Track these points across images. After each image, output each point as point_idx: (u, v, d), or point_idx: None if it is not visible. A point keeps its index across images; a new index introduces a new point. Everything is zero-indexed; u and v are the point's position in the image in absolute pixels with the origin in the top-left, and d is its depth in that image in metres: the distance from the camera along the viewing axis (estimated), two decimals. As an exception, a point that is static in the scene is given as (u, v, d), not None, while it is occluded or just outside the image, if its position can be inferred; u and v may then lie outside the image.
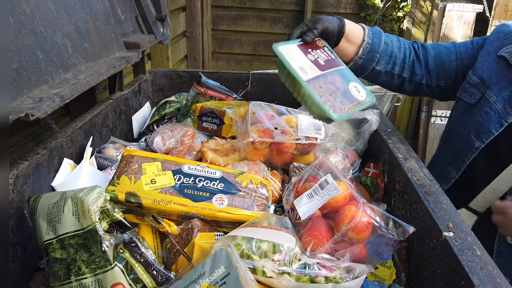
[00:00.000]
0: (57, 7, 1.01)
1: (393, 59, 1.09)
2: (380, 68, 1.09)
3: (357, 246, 0.78)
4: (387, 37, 1.11)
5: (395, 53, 1.09)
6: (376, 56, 1.07)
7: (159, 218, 0.82)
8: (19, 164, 0.82)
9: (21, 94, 0.81)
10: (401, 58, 1.09)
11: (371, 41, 1.06)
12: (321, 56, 0.97)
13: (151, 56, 2.50)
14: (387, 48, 1.08)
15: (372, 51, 1.06)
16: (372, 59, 1.07)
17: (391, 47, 1.09)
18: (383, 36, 1.09)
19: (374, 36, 1.07)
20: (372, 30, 1.08)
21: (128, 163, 0.88)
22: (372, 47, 1.06)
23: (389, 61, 1.09)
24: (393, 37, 1.12)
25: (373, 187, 1.13)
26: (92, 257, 0.69)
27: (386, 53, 1.08)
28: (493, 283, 0.61)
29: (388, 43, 1.09)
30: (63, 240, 0.70)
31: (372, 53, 1.06)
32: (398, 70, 1.10)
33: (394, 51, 1.09)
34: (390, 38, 1.11)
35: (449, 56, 1.11)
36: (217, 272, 0.65)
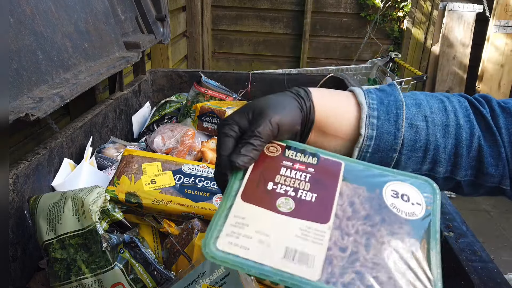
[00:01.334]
0: (57, 7, 1.01)
1: (432, 154, 0.52)
2: (409, 168, 0.54)
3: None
4: (418, 106, 0.52)
5: (437, 142, 0.52)
6: (393, 156, 0.52)
7: (159, 218, 0.82)
8: (19, 164, 0.82)
9: (21, 94, 0.81)
10: (450, 149, 0.52)
11: (376, 132, 0.51)
12: (299, 181, 0.45)
13: (151, 56, 2.50)
14: (418, 135, 0.51)
15: (380, 150, 0.52)
16: (384, 162, 0.53)
17: (427, 130, 0.51)
18: (403, 113, 0.51)
19: (384, 118, 0.51)
20: (379, 103, 0.52)
21: (128, 163, 0.88)
22: (381, 143, 0.51)
23: (424, 160, 0.53)
24: (433, 101, 0.53)
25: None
26: (92, 257, 0.69)
27: (416, 146, 0.52)
28: (493, 283, 0.61)
29: (419, 123, 0.51)
30: (63, 240, 0.70)
31: (382, 153, 0.52)
32: (443, 171, 0.53)
33: (434, 138, 0.52)
34: (424, 109, 0.52)
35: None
36: (217, 272, 0.65)
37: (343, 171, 0.46)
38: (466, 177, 0.53)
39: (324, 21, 3.57)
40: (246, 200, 0.43)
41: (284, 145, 0.49)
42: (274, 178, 0.45)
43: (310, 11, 3.48)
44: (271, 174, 0.45)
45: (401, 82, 2.50)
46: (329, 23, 3.57)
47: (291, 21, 3.61)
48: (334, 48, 3.63)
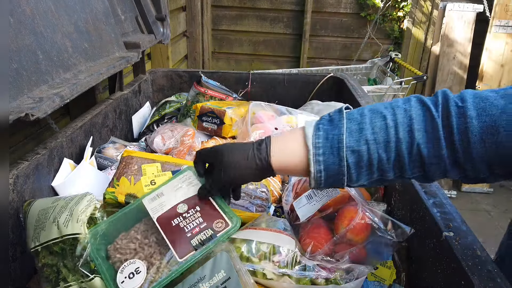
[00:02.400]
0: (57, 7, 1.01)
1: (377, 166, 0.62)
2: (362, 183, 0.65)
3: (356, 247, 0.78)
4: (360, 132, 0.62)
5: (379, 157, 0.61)
6: (342, 178, 0.63)
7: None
8: (19, 164, 0.82)
9: (21, 94, 0.81)
10: (393, 159, 0.62)
11: (323, 166, 0.63)
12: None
13: (151, 56, 2.50)
14: (360, 158, 0.62)
15: (330, 176, 0.64)
16: (339, 182, 0.64)
17: (368, 151, 0.61)
18: (343, 146, 0.62)
19: (328, 153, 0.63)
20: (324, 140, 0.63)
21: (128, 164, 0.88)
22: (329, 172, 0.63)
23: (371, 171, 0.63)
24: (377, 120, 0.63)
25: (373, 187, 1.13)
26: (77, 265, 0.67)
27: (361, 165, 0.62)
28: (493, 283, 0.61)
29: (360, 148, 0.61)
30: (50, 246, 0.69)
31: (334, 178, 0.64)
32: (392, 175, 0.63)
33: (376, 156, 0.61)
34: (365, 134, 0.62)
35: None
36: (217, 276, 0.64)
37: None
38: (415, 175, 0.63)
39: (324, 21, 3.56)
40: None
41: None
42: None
43: (310, 11, 3.48)
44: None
45: (401, 82, 2.50)
46: (329, 23, 3.57)
47: (291, 21, 3.60)
48: (334, 48, 3.63)
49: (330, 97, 1.59)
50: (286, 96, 1.68)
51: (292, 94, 1.67)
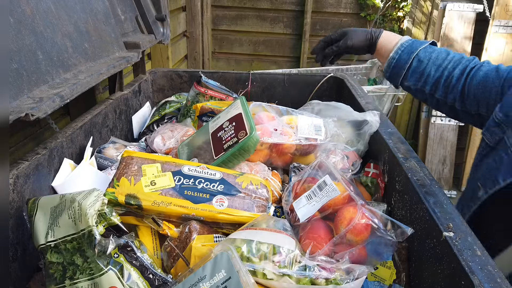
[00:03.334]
0: (57, 7, 1.01)
1: (425, 77, 1.02)
2: (409, 84, 1.07)
3: (356, 248, 0.78)
4: (428, 53, 1.03)
5: (428, 72, 1.02)
6: (401, 72, 1.06)
7: (158, 221, 0.82)
8: (19, 164, 0.82)
9: (21, 94, 0.81)
10: (436, 77, 1.01)
11: (398, 56, 1.07)
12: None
13: (151, 56, 2.50)
14: (419, 66, 1.03)
15: (397, 67, 1.07)
16: (398, 74, 1.08)
17: (426, 65, 1.02)
18: (417, 53, 1.04)
19: (403, 51, 1.06)
20: (407, 45, 1.06)
21: (128, 165, 0.88)
22: (398, 63, 1.06)
23: (419, 80, 1.04)
24: (439, 54, 1.03)
25: (373, 187, 1.13)
26: (87, 261, 0.68)
27: (417, 71, 1.04)
28: (493, 283, 0.61)
29: (424, 60, 1.03)
30: (59, 244, 0.70)
31: (398, 69, 1.07)
32: (429, 89, 1.03)
33: (428, 70, 1.02)
34: (432, 55, 1.03)
35: (494, 81, 0.92)
36: (217, 276, 0.64)
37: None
38: (439, 96, 1.04)
39: (324, 21, 3.56)
40: None
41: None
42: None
43: (310, 11, 3.48)
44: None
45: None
46: (329, 23, 3.57)
47: (291, 21, 3.61)
48: (334, 48, 3.63)
49: (330, 97, 1.59)
50: (286, 96, 1.68)
51: (292, 94, 1.67)
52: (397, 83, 1.10)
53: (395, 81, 1.11)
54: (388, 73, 1.10)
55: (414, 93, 1.09)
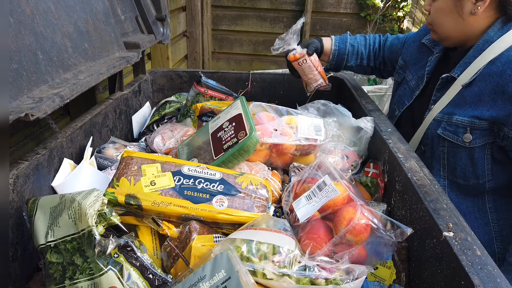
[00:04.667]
0: (57, 7, 1.01)
1: (360, 55, 1.48)
2: (352, 64, 1.49)
3: (355, 248, 0.78)
4: (354, 39, 1.50)
5: (361, 51, 1.48)
6: (344, 57, 1.47)
7: (158, 221, 0.82)
8: (19, 164, 0.82)
9: (21, 94, 0.81)
10: (367, 53, 1.48)
11: (337, 47, 1.46)
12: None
13: (151, 56, 2.50)
14: (354, 49, 1.47)
15: (339, 54, 1.46)
16: (342, 59, 1.47)
17: (357, 47, 1.48)
18: (348, 41, 1.47)
19: (340, 43, 1.46)
20: (339, 39, 1.47)
21: (128, 165, 0.88)
22: (339, 52, 1.46)
23: (357, 58, 1.48)
24: (360, 38, 1.51)
25: (373, 187, 1.13)
26: (87, 261, 0.68)
27: (354, 53, 1.47)
28: (493, 283, 0.61)
29: (354, 44, 1.48)
30: (59, 244, 0.70)
31: (341, 56, 1.46)
32: (366, 62, 1.49)
33: (360, 50, 1.48)
34: (356, 40, 1.50)
35: (397, 45, 1.46)
36: (217, 276, 0.65)
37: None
38: (373, 63, 1.52)
39: (324, 21, 3.56)
40: None
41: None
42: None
43: (310, 11, 3.48)
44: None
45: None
46: (329, 23, 3.57)
47: (291, 21, 3.61)
48: (334, 48, 3.63)
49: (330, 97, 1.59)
50: (286, 96, 1.68)
51: (292, 94, 1.67)
52: (341, 67, 1.49)
53: (339, 66, 1.49)
54: (334, 61, 1.46)
55: (356, 69, 1.53)
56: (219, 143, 1.04)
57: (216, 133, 1.08)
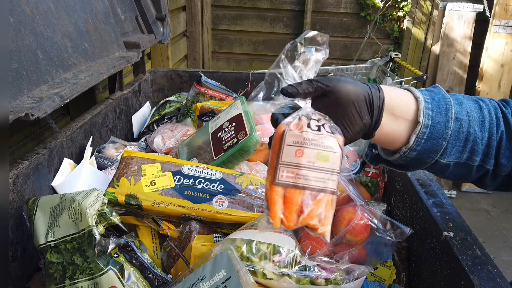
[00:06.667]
0: (57, 7, 1.01)
1: (471, 144, 0.63)
2: (449, 160, 0.64)
3: (355, 248, 0.78)
4: (460, 105, 0.64)
5: (475, 135, 0.63)
6: (442, 144, 0.63)
7: (158, 221, 0.82)
8: (19, 164, 0.82)
9: (21, 94, 0.81)
10: (485, 141, 0.64)
11: (431, 122, 0.62)
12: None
13: (151, 56, 2.50)
14: (461, 128, 0.63)
15: (433, 137, 0.62)
16: (435, 149, 0.63)
17: (468, 124, 0.63)
18: (452, 108, 0.63)
19: (436, 111, 0.62)
20: (431, 99, 0.63)
21: (128, 165, 0.88)
22: (434, 132, 0.62)
23: (465, 149, 0.64)
24: (470, 102, 0.65)
25: (373, 187, 1.13)
26: (87, 261, 0.68)
27: (459, 137, 0.63)
28: (493, 283, 0.61)
29: (463, 118, 0.63)
30: (59, 244, 0.70)
31: (434, 141, 0.62)
32: (479, 160, 0.64)
33: (473, 131, 0.63)
34: (466, 107, 0.64)
35: None
36: (217, 275, 0.65)
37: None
38: (491, 166, 0.65)
39: (324, 21, 3.56)
40: None
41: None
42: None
43: (310, 11, 3.48)
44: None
45: (401, 82, 2.50)
46: (329, 23, 3.57)
47: (291, 21, 3.60)
48: (334, 48, 3.63)
49: (330, 97, 1.59)
50: (286, 96, 1.68)
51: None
52: (426, 164, 0.66)
53: (424, 162, 0.66)
54: (416, 152, 0.63)
55: (451, 170, 0.66)
56: (219, 143, 1.04)
57: (216, 133, 1.08)
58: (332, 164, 0.49)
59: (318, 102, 0.60)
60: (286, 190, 0.49)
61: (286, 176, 0.49)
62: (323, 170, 0.49)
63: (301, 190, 0.48)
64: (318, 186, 0.48)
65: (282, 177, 0.49)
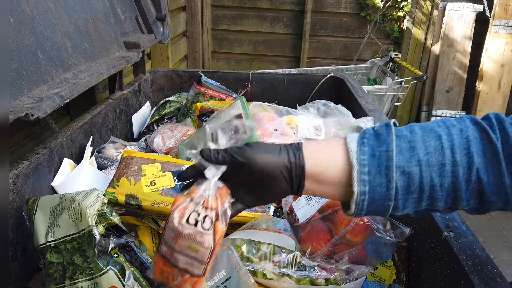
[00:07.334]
0: (57, 7, 1.01)
1: (429, 193, 0.54)
2: (407, 212, 0.57)
3: (355, 248, 0.78)
4: (411, 150, 0.54)
5: (432, 183, 0.54)
6: (388, 204, 0.55)
7: (158, 221, 0.82)
8: (19, 164, 0.82)
9: (21, 94, 0.81)
10: (449, 186, 0.54)
11: (369, 187, 0.54)
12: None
13: (151, 56, 2.50)
14: (410, 181, 0.54)
15: (375, 201, 0.55)
16: (383, 209, 0.56)
17: (420, 174, 0.54)
18: (393, 165, 0.54)
19: (374, 172, 0.54)
20: (370, 157, 0.55)
21: (128, 165, 0.88)
22: (374, 196, 0.55)
23: (421, 199, 0.55)
24: (431, 139, 0.55)
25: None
26: (87, 261, 0.68)
27: (410, 190, 0.54)
28: (493, 283, 0.61)
29: (412, 170, 0.54)
30: (59, 244, 0.70)
31: (378, 203, 0.55)
32: (443, 205, 0.56)
33: (428, 181, 0.54)
34: (418, 153, 0.54)
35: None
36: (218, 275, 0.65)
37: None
38: (469, 206, 0.55)
39: (324, 21, 3.56)
40: None
41: None
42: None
43: (310, 11, 3.48)
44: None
45: (401, 82, 2.49)
46: (329, 23, 3.57)
47: (291, 21, 3.60)
48: (334, 48, 3.63)
49: (330, 97, 1.59)
50: (286, 96, 1.68)
51: (292, 94, 1.67)
52: (386, 215, 0.58)
53: (383, 215, 0.59)
54: (364, 214, 0.57)
55: (421, 214, 0.59)
56: None
57: None
58: (201, 256, 0.56)
59: (234, 170, 0.58)
60: (164, 259, 0.58)
61: (165, 250, 0.57)
62: (192, 257, 0.56)
63: (173, 266, 0.57)
64: (185, 267, 0.56)
65: (163, 249, 0.58)
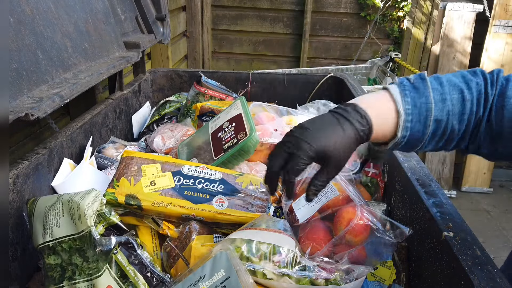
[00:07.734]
0: (57, 7, 1.01)
1: (448, 137, 0.68)
2: (427, 149, 0.71)
3: (355, 248, 0.78)
4: (443, 102, 0.65)
5: (452, 128, 0.67)
6: (418, 144, 0.68)
7: (158, 221, 0.82)
8: (19, 164, 0.82)
9: (21, 94, 0.81)
10: (462, 131, 0.67)
11: (409, 132, 0.66)
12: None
13: (151, 55, 2.50)
14: (439, 128, 0.66)
15: (410, 143, 0.68)
16: (412, 147, 0.70)
17: (447, 121, 0.66)
18: (431, 115, 0.65)
19: (415, 120, 0.65)
20: (412, 107, 0.65)
21: (128, 165, 0.88)
22: (411, 139, 0.67)
23: (440, 140, 0.68)
24: (454, 93, 0.66)
25: (373, 187, 1.13)
26: (87, 261, 0.68)
27: (436, 133, 0.67)
28: (493, 283, 0.61)
29: (442, 118, 0.66)
30: (57, 244, 0.70)
31: (411, 144, 0.68)
32: (453, 145, 0.70)
33: (451, 126, 0.66)
34: (448, 104, 0.66)
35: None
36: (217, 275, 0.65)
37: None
38: (465, 146, 0.70)
39: (324, 21, 3.56)
40: None
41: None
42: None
43: (310, 11, 3.47)
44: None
45: (401, 82, 2.49)
46: (329, 23, 3.57)
47: (291, 21, 3.60)
48: (334, 48, 3.63)
49: (330, 97, 1.59)
50: (286, 96, 1.68)
51: (292, 94, 1.67)
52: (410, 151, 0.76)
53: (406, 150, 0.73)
54: (394, 150, 0.71)
55: (430, 151, 0.74)
56: (219, 143, 1.04)
57: (216, 133, 1.08)
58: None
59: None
60: None
61: None
62: None
63: None
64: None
65: None
